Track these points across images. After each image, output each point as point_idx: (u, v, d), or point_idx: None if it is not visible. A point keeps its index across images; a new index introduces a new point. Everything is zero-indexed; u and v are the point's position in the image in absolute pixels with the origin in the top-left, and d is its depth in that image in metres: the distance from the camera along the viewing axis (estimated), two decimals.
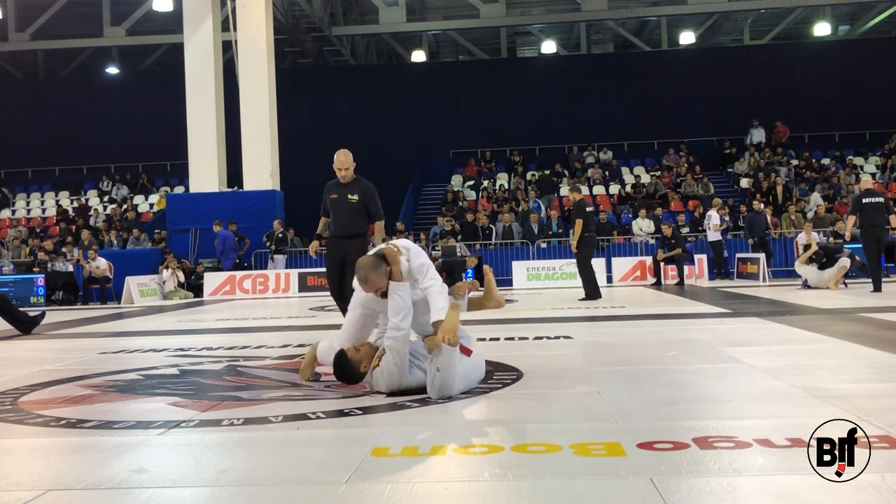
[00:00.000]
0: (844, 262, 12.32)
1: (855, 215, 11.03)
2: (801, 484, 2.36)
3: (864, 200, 10.91)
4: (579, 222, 10.84)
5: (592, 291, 11.08)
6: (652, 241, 17.47)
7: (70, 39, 25.66)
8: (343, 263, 6.40)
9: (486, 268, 4.83)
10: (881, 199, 10.98)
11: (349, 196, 6.48)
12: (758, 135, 23.70)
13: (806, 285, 12.59)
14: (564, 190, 21.96)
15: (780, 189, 20.09)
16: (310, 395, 4.15)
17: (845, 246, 12.90)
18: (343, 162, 6.41)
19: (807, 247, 13.72)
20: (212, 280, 16.75)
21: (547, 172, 22.78)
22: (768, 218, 17.30)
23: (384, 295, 3.95)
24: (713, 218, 16.17)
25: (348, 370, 4.03)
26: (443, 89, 25.90)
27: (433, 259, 12.13)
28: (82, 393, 4.43)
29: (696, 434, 2.93)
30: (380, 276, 3.88)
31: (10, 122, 25.51)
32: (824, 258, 12.43)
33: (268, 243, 17.59)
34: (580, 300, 11.04)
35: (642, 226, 18.32)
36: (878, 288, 10.82)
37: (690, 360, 4.95)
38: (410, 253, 4.04)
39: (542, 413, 3.55)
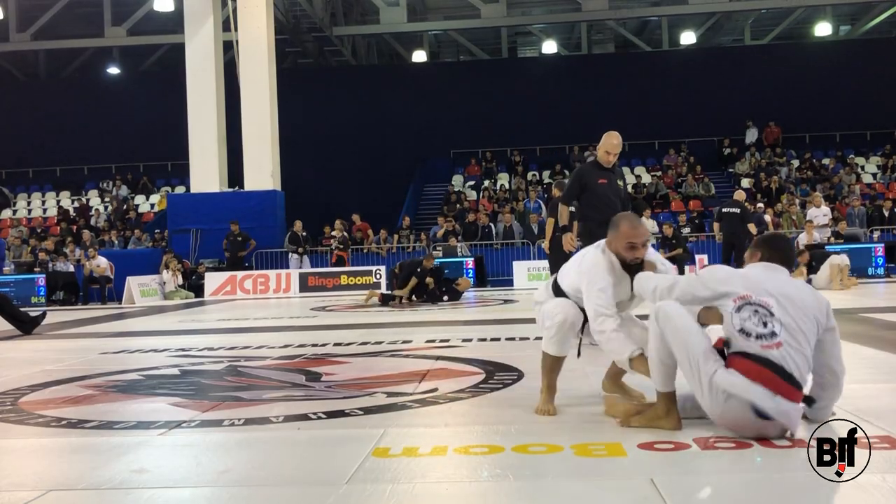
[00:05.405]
0: (834, 259, 12.02)
1: (718, 223, 11.91)
2: (802, 484, 2.36)
3: (723, 210, 11.80)
4: (550, 220, 10.16)
5: None
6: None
7: (71, 39, 25.64)
8: None
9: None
10: (737, 210, 11.84)
11: (619, 182, 6.13)
12: (750, 135, 23.70)
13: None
14: None
15: (777, 188, 20.08)
16: (310, 395, 4.15)
17: (828, 248, 12.95)
18: (617, 146, 5.94)
19: (808, 247, 13.67)
20: (213, 280, 16.75)
21: (560, 175, 22.60)
22: (768, 217, 17.24)
23: (629, 269, 3.31)
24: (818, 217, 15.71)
25: None
26: (443, 89, 25.86)
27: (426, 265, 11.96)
28: (83, 393, 4.43)
29: (696, 434, 2.93)
30: None
31: (11, 122, 25.48)
32: (812, 262, 12.31)
33: (293, 247, 17.48)
34: None
35: (648, 226, 18.27)
36: None
37: None
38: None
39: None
